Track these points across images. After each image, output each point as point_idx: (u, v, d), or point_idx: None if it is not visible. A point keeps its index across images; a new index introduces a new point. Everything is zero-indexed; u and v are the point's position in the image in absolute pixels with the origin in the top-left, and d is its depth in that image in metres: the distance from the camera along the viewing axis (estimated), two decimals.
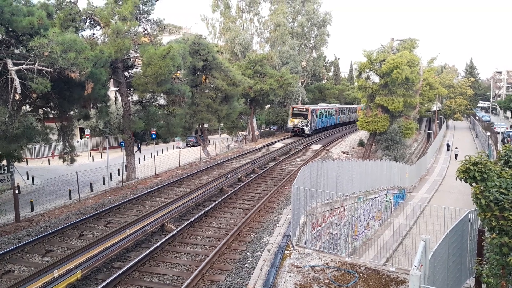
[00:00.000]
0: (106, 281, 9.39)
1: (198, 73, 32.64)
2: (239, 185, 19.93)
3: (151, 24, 26.75)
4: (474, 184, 8.45)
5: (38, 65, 15.85)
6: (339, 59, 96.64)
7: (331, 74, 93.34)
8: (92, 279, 9.94)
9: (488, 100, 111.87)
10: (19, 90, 15.49)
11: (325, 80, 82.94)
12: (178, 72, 28.23)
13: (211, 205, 16.01)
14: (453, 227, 9.21)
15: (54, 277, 9.18)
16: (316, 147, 36.72)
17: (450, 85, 77.35)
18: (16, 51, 17.78)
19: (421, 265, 6.54)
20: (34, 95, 18.44)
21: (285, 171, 24.60)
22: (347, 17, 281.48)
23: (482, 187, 8.15)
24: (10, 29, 16.62)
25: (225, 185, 19.30)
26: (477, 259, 9.50)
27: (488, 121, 77.32)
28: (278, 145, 37.64)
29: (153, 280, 10.10)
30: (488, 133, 49.06)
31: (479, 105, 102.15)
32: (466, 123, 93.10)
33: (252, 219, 15.05)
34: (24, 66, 15.78)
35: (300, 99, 57.55)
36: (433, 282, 7.43)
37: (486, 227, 8.69)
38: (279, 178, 22.37)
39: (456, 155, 46.98)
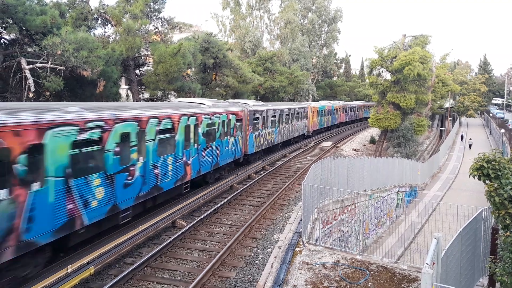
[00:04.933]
0: (119, 277, 9.50)
1: (208, 70, 32.72)
2: (249, 182, 19.93)
3: (161, 22, 26.95)
4: (488, 181, 8.35)
5: (51, 64, 16.08)
6: (350, 55, 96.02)
7: (342, 71, 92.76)
8: (105, 274, 10.05)
9: (502, 97, 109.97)
10: (33, 88, 15.73)
11: (336, 77, 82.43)
12: (189, 69, 28.41)
13: (222, 202, 16.06)
14: (466, 225, 9.10)
15: (67, 272, 9.31)
16: (327, 144, 36.55)
17: (463, 82, 76.26)
18: (29, 50, 18.07)
19: (434, 263, 6.48)
20: (47, 93, 18.71)
21: (295, 169, 24.54)
22: (358, 13, 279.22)
23: (496, 185, 8.05)
24: (24, 28, 16.88)
25: (235, 182, 19.33)
26: (490, 258, 9.38)
27: (502, 118, 76.06)
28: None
29: (164, 276, 10.18)
30: (502, 130, 48.30)
31: (493, 101, 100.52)
32: (480, 120, 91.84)
33: (262, 216, 15.06)
34: (37, 65, 16.02)
35: (311, 96, 57.29)
36: (445, 280, 7.36)
37: (500, 225, 8.58)
38: (289, 176, 22.33)
39: (470, 145, 49.09)
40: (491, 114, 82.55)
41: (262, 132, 25.33)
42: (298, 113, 34.02)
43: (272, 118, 27.16)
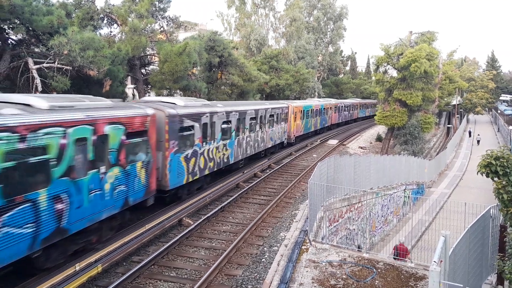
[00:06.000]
0: (126, 275, 9.57)
1: (214, 69, 32.73)
2: (255, 180, 19.95)
3: (167, 21, 27.01)
4: (496, 179, 8.29)
5: (58, 64, 16.19)
6: (356, 53, 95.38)
7: (347, 68, 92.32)
8: (112, 272, 10.12)
9: (511, 93, 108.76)
10: (40, 88, 15.85)
11: (342, 75, 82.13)
12: (194, 68, 28.41)
13: (228, 200, 16.09)
14: (474, 222, 9.03)
15: (75, 270, 9.38)
16: (333, 142, 36.46)
17: (470, 78, 75.57)
18: (36, 50, 18.19)
19: (441, 261, 6.44)
20: (54, 93, 18.85)
21: (301, 167, 24.51)
22: (364, 10, 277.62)
23: (504, 182, 7.99)
24: (31, 29, 16.99)
25: (241, 181, 19.34)
26: (498, 255, 9.31)
27: (511, 114, 75.27)
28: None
29: (171, 274, 10.23)
30: (511, 127, 47.85)
31: (501, 98, 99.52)
32: (488, 117, 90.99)
33: (268, 214, 15.07)
34: (44, 65, 16.13)
35: (316, 94, 57.13)
36: (453, 278, 7.31)
37: (508, 223, 8.52)
38: (295, 174, 22.31)
39: (478, 141, 49.35)
40: (499, 111, 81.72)
41: (203, 148, 16.50)
42: (272, 116, 25.61)
43: (224, 125, 18.53)
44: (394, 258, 12.61)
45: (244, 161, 22.03)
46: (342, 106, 49.99)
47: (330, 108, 44.44)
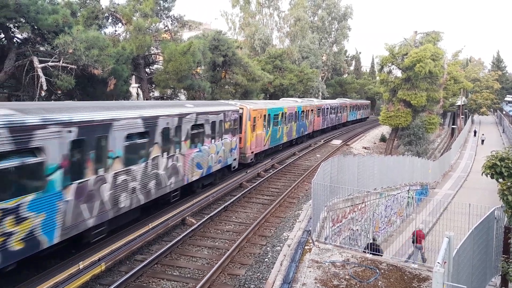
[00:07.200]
0: (129, 274, 9.59)
1: (218, 68, 32.76)
2: (258, 180, 19.93)
3: (171, 21, 27.09)
4: (500, 180, 8.25)
5: (62, 62, 16.28)
6: (360, 53, 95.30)
7: (352, 68, 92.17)
8: (116, 271, 10.15)
9: None
10: (45, 87, 15.94)
11: (346, 75, 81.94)
12: (198, 68, 28.48)
13: (231, 200, 16.09)
14: (478, 224, 8.98)
15: (79, 268, 9.42)
16: (337, 142, 36.39)
17: (475, 79, 75.27)
18: (41, 48, 18.31)
19: (445, 262, 6.41)
20: (59, 92, 18.95)
21: (304, 167, 24.47)
22: (368, 9, 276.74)
23: (509, 183, 7.96)
24: (36, 27, 17.10)
25: (244, 180, 19.34)
26: (503, 257, 9.27)
27: None
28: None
29: (174, 273, 10.24)
30: None
31: (506, 99, 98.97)
32: (493, 117, 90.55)
33: (272, 214, 15.06)
34: (49, 64, 16.22)
35: (321, 94, 57.02)
36: (457, 279, 7.27)
37: None
38: (298, 174, 22.28)
39: (482, 141, 50.26)
40: (504, 112, 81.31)
41: None
42: (200, 126, 15.60)
43: (13, 162, 7.71)
44: (413, 242, 14.96)
45: (109, 225, 11.13)
46: (327, 108, 40.44)
47: (311, 110, 34.43)
